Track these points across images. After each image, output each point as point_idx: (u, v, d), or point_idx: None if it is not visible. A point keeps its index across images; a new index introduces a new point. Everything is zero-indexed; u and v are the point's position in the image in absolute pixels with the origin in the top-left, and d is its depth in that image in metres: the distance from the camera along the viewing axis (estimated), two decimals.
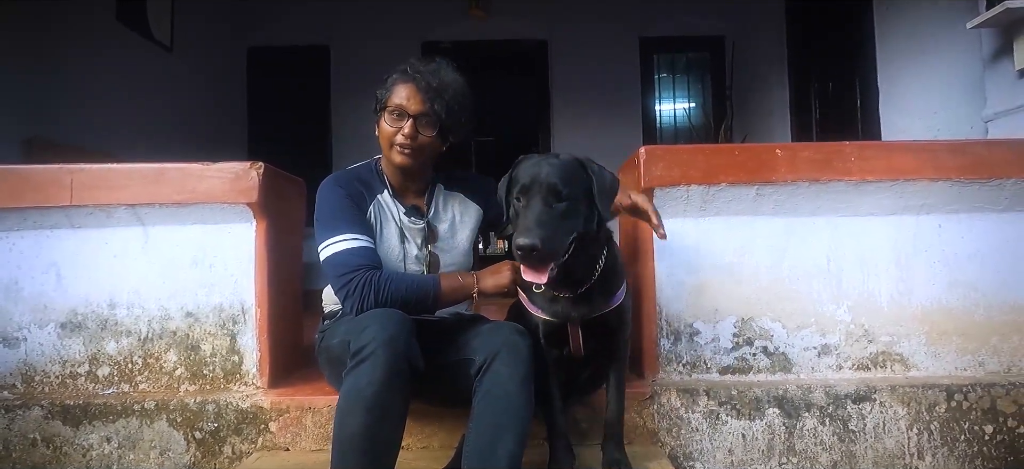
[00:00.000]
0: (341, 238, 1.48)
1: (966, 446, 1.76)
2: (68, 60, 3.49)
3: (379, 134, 1.59)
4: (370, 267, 1.46)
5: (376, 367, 1.24)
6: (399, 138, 1.53)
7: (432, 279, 1.50)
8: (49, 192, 1.80)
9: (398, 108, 1.52)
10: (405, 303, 1.42)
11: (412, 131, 1.52)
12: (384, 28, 5.49)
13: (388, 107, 1.54)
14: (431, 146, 1.57)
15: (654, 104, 5.89)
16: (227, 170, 1.78)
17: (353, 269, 1.45)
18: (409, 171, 1.60)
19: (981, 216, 1.88)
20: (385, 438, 1.27)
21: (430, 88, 1.52)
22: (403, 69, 1.56)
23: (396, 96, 1.53)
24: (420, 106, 1.52)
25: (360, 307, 1.42)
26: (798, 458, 1.76)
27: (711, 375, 1.86)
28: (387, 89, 1.56)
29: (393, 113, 1.53)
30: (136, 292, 1.87)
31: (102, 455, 1.76)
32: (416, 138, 1.53)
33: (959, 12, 2.82)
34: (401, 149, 1.53)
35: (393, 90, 1.54)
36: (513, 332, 1.41)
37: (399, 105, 1.52)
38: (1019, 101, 2.52)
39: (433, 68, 1.56)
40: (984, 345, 1.87)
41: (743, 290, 1.86)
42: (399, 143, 1.53)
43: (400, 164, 1.56)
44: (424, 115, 1.53)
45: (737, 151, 1.90)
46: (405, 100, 1.52)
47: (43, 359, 1.87)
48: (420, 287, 1.46)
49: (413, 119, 1.52)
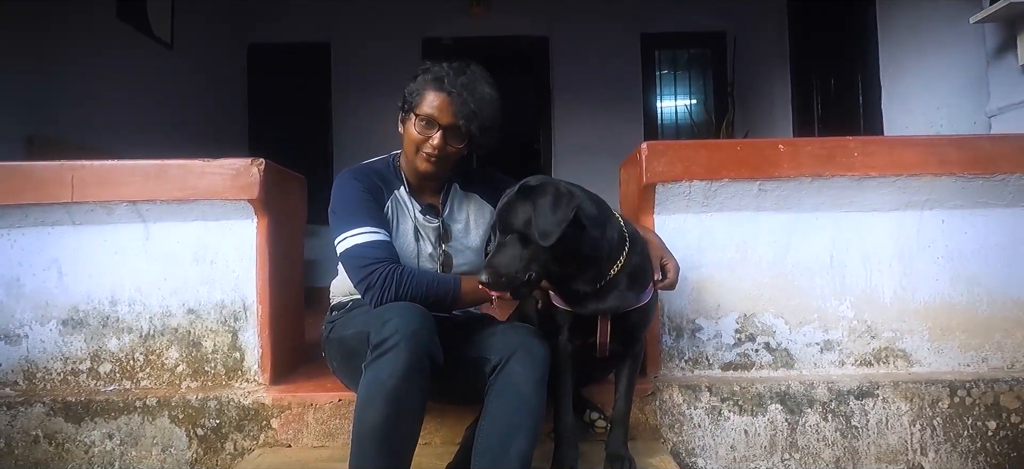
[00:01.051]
0: (360, 231, 1.48)
1: (969, 442, 1.76)
2: (69, 58, 3.49)
3: (403, 134, 1.57)
4: (391, 261, 1.45)
5: (398, 359, 1.24)
6: (427, 148, 1.51)
7: (453, 278, 1.50)
8: (50, 189, 1.80)
9: (428, 117, 1.50)
10: (425, 299, 1.42)
11: (441, 143, 1.50)
12: (385, 25, 5.49)
13: (418, 113, 1.51)
14: (457, 155, 1.56)
15: (655, 100, 5.87)
16: (228, 166, 1.77)
17: (374, 261, 1.44)
18: (430, 176, 1.59)
19: (985, 211, 1.87)
20: (404, 432, 1.27)
21: (466, 107, 1.49)
22: (437, 76, 1.51)
23: (427, 104, 1.50)
24: (452, 120, 1.50)
25: (381, 300, 1.42)
26: (801, 454, 1.76)
27: (713, 371, 1.85)
28: (418, 92, 1.52)
29: (422, 121, 1.50)
30: (138, 289, 1.87)
31: (104, 452, 1.76)
32: (444, 149, 1.51)
33: (961, 7, 2.80)
34: (428, 158, 1.52)
35: (424, 96, 1.51)
36: (530, 334, 1.41)
37: (430, 115, 1.50)
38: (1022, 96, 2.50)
39: (468, 82, 1.50)
40: (987, 341, 1.87)
41: (745, 286, 1.86)
42: (427, 153, 1.52)
43: (425, 171, 1.55)
44: (455, 129, 1.51)
45: (739, 146, 1.90)
46: (437, 111, 1.49)
47: (45, 356, 1.87)
48: (441, 285, 1.46)
49: (443, 130, 1.50)
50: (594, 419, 1.62)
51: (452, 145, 1.53)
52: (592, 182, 2.10)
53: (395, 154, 1.66)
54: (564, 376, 1.49)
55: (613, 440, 1.53)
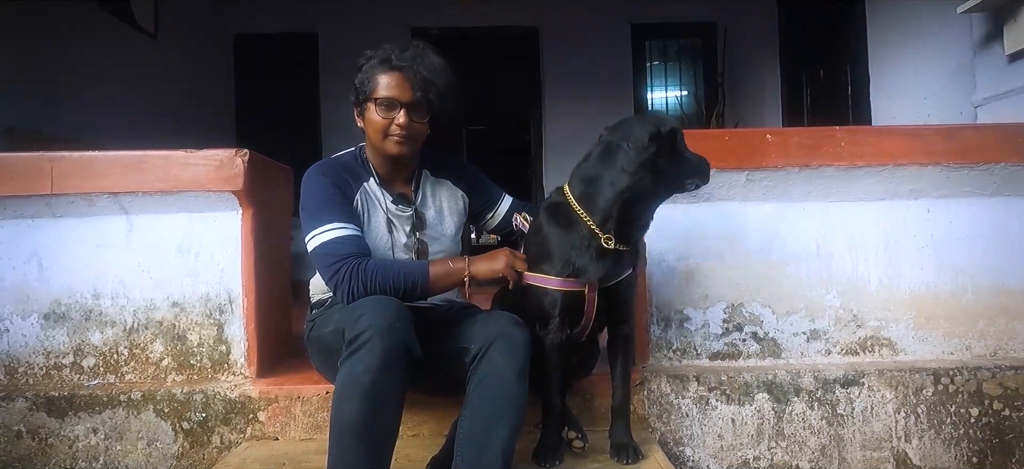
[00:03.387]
0: (328, 227, 1.46)
1: (952, 429, 1.78)
2: (50, 48, 3.42)
3: (366, 125, 1.56)
4: (358, 255, 1.44)
5: (372, 354, 1.23)
6: (393, 130, 1.51)
7: (421, 265, 1.48)
8: (29, 180, 1.76)
9: (388, 100, 1.50)
10: (394, 290, 1.41)
11: (406, 121, 1.50)
12: (373, 15, 5.43)
13: (376, 99, 1.50)
14: (423, 131, 1.56)
15: (646, 91, 5.87)
16: (211, 157, 1.75)
17: (341, 257, 1.43)
18: (402, 160, 1.58)
19: (970, 200, 1.89)
20: (382, 425, 1.26)
21: (421, 77, 1.49)
22: (384, 58, 1.51)
23: (383, 87, 1.50)
24: (410, 95, 1.50)
25: (349, 295, 1.40)
26: (787, 442, 1.77)
27: (701, 361, 1.86)
28: (369, 80, 1.52)
29: (383, 105, 1.50)
30: (120, 282, 1.85)
31: (88, 446, 1.74)
32: (410, 126, 1.51)
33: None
34: (398, 141, 1.52)
35: (377, 80, 1.51)
36: (510, 322, 1.40)
37: (389, 96, 1.49)
38: (1008, 86, 2.52)
39: (415, 55, 1.51)
40: (971, 329, 1.89)
41: (733, 276, 1.86)
42: (395, 134, 1.51)
43: (397, 154, 1.54)
44: (415, 104, 1.51)
45: (727, 136, 1.89)
46: (395, 90, 1.49)
47: (26, 350, 1.85)
48: (408, 274, 1.45)
49: (404, 108, 1.50)
50: (572, 438, 1.55)
51: (417, 121, 1.53)
52: None
53: (361, 146, 1.65)
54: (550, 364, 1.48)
55: (616, 430, 1.53)
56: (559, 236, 1.45)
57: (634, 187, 1.37)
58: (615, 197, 1.38)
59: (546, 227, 1.48)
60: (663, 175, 1.40)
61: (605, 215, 1.40)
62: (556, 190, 1.52)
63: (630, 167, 1.36)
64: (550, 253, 1.45)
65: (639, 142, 1.36)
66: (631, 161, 1.36)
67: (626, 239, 1.44)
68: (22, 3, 3.25)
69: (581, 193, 1.44)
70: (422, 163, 1.68)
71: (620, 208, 1.39)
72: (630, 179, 1.36)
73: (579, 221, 1.43)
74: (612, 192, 1.39)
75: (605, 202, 1.40)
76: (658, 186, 1.42)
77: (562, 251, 1.44)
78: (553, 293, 1.44)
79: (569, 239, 1.44)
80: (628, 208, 1.40)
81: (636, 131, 1.38)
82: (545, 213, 1.51)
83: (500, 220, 1.76)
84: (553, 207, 1.49)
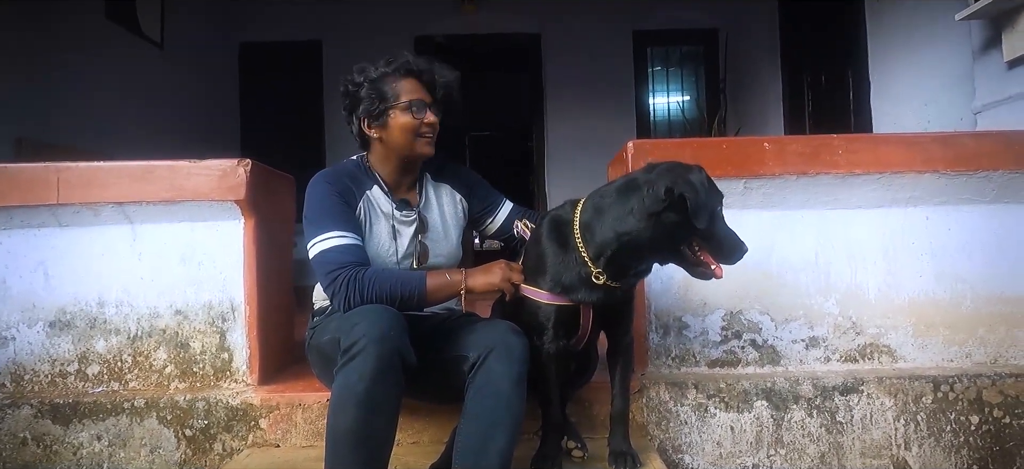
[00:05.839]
0: (328, 235, 1.48)
1: (952, 436, 1.78)
2: (57, 59, 3.46)
3: (390, 132, 1.57)
4: (356, 265, 1.45)
5: (367, 363, 1.24)
6: (424, 129, 1.58)
7: (418, 275, 1.49)
8: (36, 190, 1.79)
9: (417, 102, 1.56)
10: (391, 300, 1.42)
11: (435, 119, 1.59)
12: (376, 23, 5.46)
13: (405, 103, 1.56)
14: None
15: (648, 97, 5.88)
16: (214, 167, 1.77)
17: (339, 266, 1.45)
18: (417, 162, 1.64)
19: (969, 208, 1.89)
20: (378, 434, 1.27)
21: (441, 78, 1.60)
22: (402, 66, 1.58)
23: (408, 91, 1.57)
24: (432, 95, 1.59)
25: (346, 304, 1.42)
26: (786, 450, 1.77)
27: (700, 368, 1.86)
28: (391, 88, 1.57)
29: (413, 107, 1.56)
30: (125, 290, 1.87)
31: (92, 453, 1.76)
32: (437, 125, 1.61)
33: (948, 4, 2.81)
34: (429, 140, 1.59)
35: (401, 86, 1.57)
36: (508, 331, 1.40)
37: (418, 98, 1.57)
38: (1007, 92, 2.52)
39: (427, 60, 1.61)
40: (971, 336, 1.89)
41: (732, 283, 1.86)
42: (426, 134, 1.58)
43: (428, 153, 1.61)
44: (436, 104, 1.61)
45: (725, 144, 1.91)
46: (421, 93, 1.58)
47: (32, 358, 1.87)
48: (405, 284, 1.46)
49: (430, 108, 1.59)
50: (571, 447, 1.55)
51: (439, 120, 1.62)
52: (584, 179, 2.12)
53: (363, 155, 1.67)
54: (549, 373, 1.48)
55: (615, 437, 1.53)
56: (553, 254, 1.43)
57: (636, 235, 1.32)
58: (614, 238, 1.34)
59: (544, 241, 1.47)
60: (672, 237, 1.31)
61: (599, 251, 1.37)
62: (568, 203, 1.48)
63: (639, 213, 1.30)
64: (544, 269, 1.45)
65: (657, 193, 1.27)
66: (643, 208, 1.29)
67: (619, 278, 1.40)
68: (30, 15, 3.30)
69: (586, 220, 1.40)
70: (424, 167, 1.70)
71: (615, 250, 1.35)
72: (635, 225, 1.31)
73: (574, 247, 1.40)
74: (612, 233, 1.34)
75: (603, 239, 1.36)
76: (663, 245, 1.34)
77: (555, 270, 1.43)
78: (547, 307, 1.44)
79: (563, 260, 1.42)
80: (624, 253, 1.35)
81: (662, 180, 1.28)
82: (546, 225, 1.49)
83: (500, 225, 1.77)
84: (555, 221, 1.47)
